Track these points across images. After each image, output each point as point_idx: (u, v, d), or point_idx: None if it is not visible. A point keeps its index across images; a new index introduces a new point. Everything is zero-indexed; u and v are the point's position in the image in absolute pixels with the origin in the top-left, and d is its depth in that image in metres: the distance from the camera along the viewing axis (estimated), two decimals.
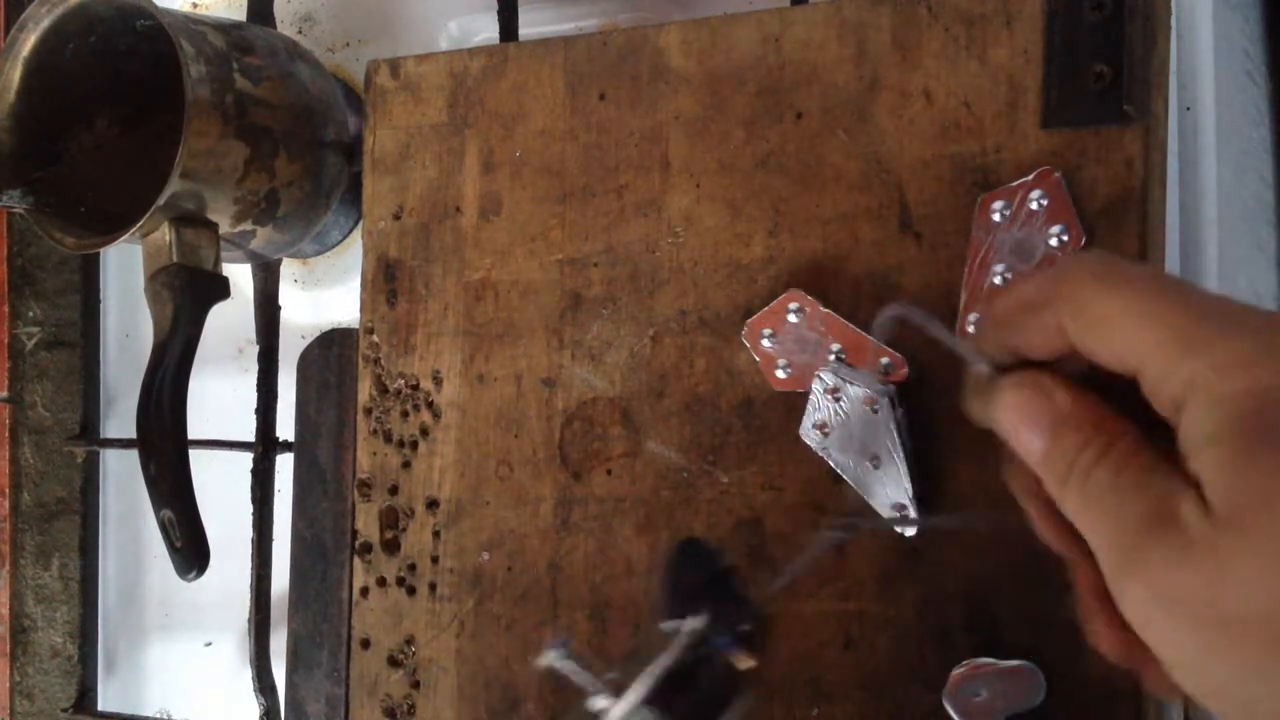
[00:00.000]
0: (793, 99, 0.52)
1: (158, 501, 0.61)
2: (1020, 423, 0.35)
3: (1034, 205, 0.47)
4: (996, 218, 0.48)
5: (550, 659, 0.43)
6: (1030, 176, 0.47)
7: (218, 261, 0.63)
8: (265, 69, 0.64)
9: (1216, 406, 0.30)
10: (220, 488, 0.69)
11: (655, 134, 0.55)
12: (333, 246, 0.75)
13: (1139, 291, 0.33)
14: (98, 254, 0.81)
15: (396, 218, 0.60)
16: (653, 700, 0.41)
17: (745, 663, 0.41)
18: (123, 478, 0.81)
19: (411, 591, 0.58)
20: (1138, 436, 0.33)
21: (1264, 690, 0.30)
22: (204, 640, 0.79)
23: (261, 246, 0.68)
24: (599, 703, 0.42)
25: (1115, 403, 0.34)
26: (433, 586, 0.58)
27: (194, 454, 0.62)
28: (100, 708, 0.80)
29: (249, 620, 0.70)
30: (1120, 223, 0.46)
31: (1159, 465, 0.32)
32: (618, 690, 0.41)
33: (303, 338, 0.72)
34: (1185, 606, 0.30)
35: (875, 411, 0.48)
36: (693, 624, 0.41)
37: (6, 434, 0.80)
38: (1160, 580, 0.31)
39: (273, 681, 0.70)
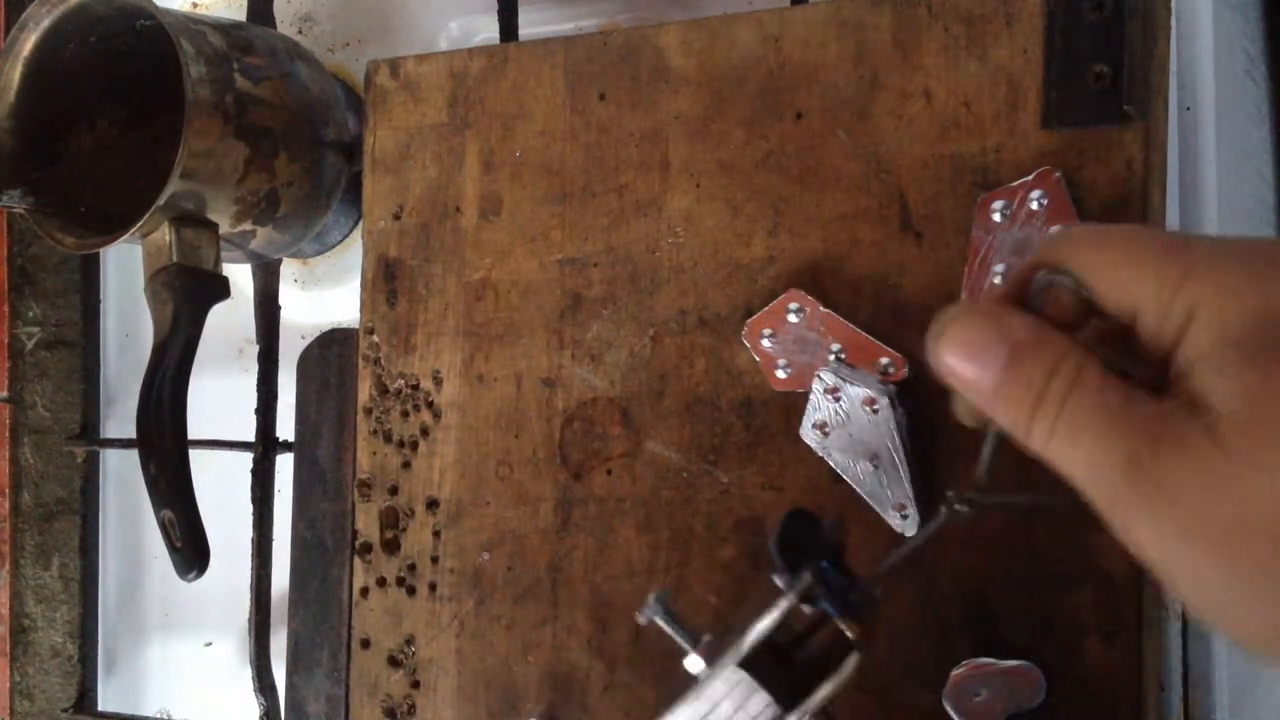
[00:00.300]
0: (793, 99, 0.52)
1: (158, 501, 0.61)
2: (968, 355, 0.34)
3: (1034, 205, 0.47)
4: (996, 217, 0.48)
5: (649, 615, 0.42)
6: (1030, 176, 0.47)
7: (218, 261, 0.63)
8: (265, 69, 0.64)
9: (1218, 326, 0.31)
10: (220, 488, 0.69)
11: (655, 134, 0.55)
12: (333, 246, 0.75)
13: (1137, 238, 0.34)
14: (98, 254, 0.81)
15: (396, 218, 0.60)
16: (750, 664, 0.39)
17: (852, 631, 0.40)
18: (123, 478, 0.81)
19: (411, 591, 0.58)
20: (1099, 360, 0.33)
21: (1263, 594, 0.29)
22: (204, 640, 0.79)
23: (261, 246, 0.68)
24: (694, 664, 0.41)
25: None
26: (433, 586, 0.58)
27: (194, 454, 0.62)
28: (100, 708, 0.80)
29: (249, 620, 0.70)
30: (1120, 223, 0.46)
31: (1135, 391, 0.32)
32: (714, 653, 0.40)
33: (303, 338, 0.72)
34: (1202, 520, 0.30)
35: (875, 411, 0.48)
36: (805, 579, 0.39)
37: (6, 434, 0.80)
38: (1174, 496, 0.30)
39: (273, 681, 0.70)
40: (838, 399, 0.49)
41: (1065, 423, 0.32)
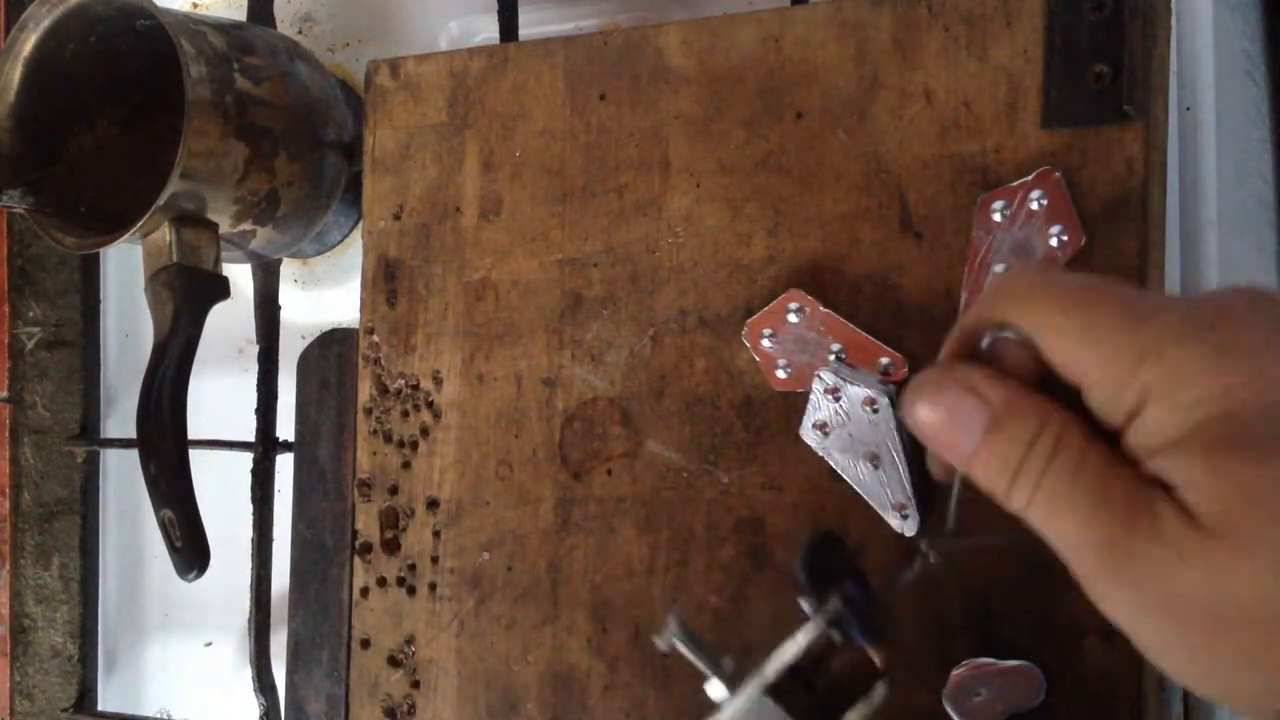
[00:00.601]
0: (793, 99, 0.52)
1: (158, 501, 0.61)
2: (946, 423, 0.34)
3: (1034, 205, 0.47)
4: (997, 218, 0.48)
5: (669, 639, 0.41)
6: (1030, 176, 0.47)
7: (218, 261, 0.63)
8: (265, 69, 0.64)
9: (1180, 413, 0.31)
10: (220, 488, 0.69)
11: (655, 134, 0.55)
12: (333, 246, 0.75)
13: (1083, 305, 0.33)
14: (98, 254, 0.81)
15: (396, 218, 0.60)
16: (776, 690, 0.39)
17: (879, 657, 0.39)
18: (123, 478, 0.81)
19: (411, 591, 0.58)
20: (1081, 428, 0.33)
21: (1264, 679, 0.30)
22: (204, 640, 0.79)
23: (261, 246, 0.68)
24: (717, 691, 0.40)
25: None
26: (433, 586, 0.58)
27: (194, 454, 0.62)
28: (100, 708, 0.80)
29: (249, 620, 0.70)
30: (1120, 223, 0.46)
31: (1113, 462, 0.32)
32: (736, 679, 0.40)
33: (303, 338, 0.72)
34: (1180, 608, 0.31)
35: (875, 411, 0.48)
36: (834, 605, 0.38)
37: (6, 434, 0.80)
38: (1151, 584, 0.31)
39: (273, 681, 0.70)
40: (838, 399, 0.49)
41: (1044, 493, 0.33)
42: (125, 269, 0.82)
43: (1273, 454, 0.30)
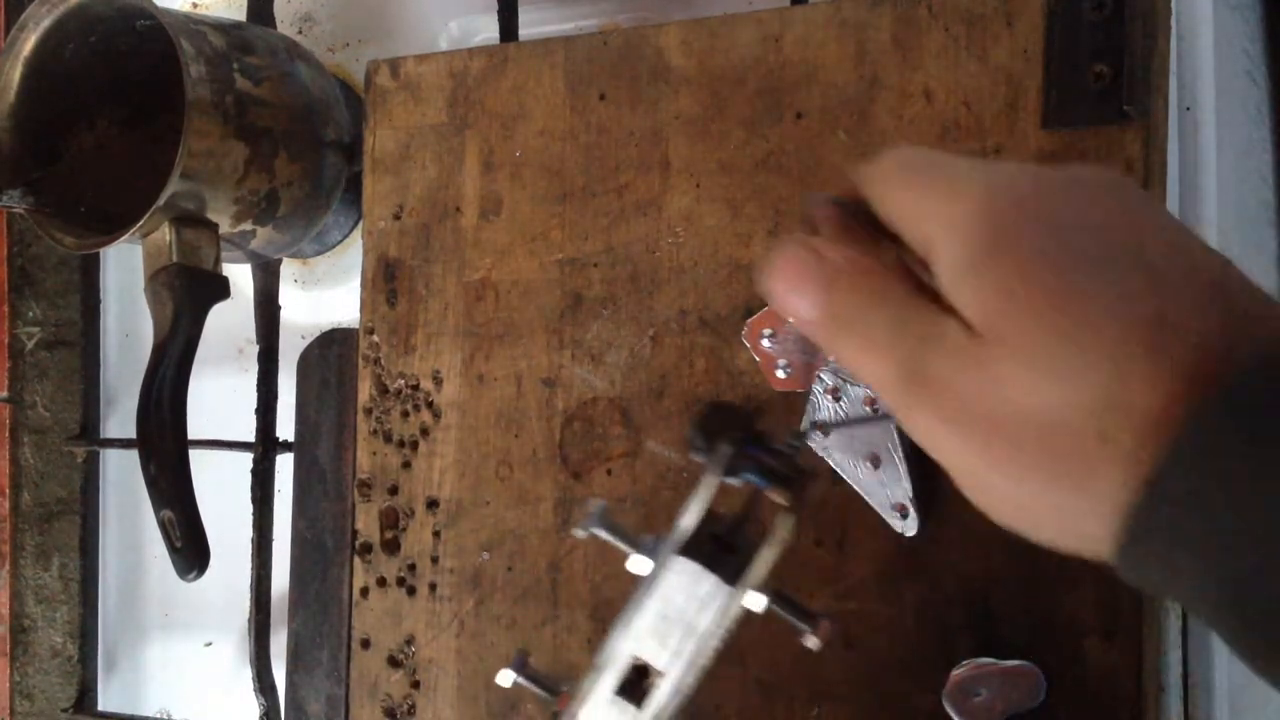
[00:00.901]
0: (793, 99, 0.52)
1: (158, 501, 0.61)
2: (793, 284, 0.36)
3: None
4: None
5: (588, 526, 0.43)
6: None
7: (218, 261, 0.63)
8: (265, 69, 0.64)
9: (955, 238, 0.32)
10: (220, 488, 0.69)
11: (655, 134, 0.55)
12: (333, 246, 0.75)
13: (904, 166, 0.36)
14: (98, 254, 0.81)
15: (396, 218, 0.60)
16: (689, 550, 0.40)
17: (779, 498, 0.40)
18: (123, 478, 0.81)
19: (411, 591, 0.58)
20: (910, 284, 0.35)
21: (1029, 484, 0.31)
22: (204, 640, 0.79)
23: (261, 246, 0.68)
24: (640, 565, 0.41)
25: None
26: (433, 586, 0.58)
27: (194, 454, 0.62)
28: (100, 708, 0.80)
29: (249, 620, 0.70)
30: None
31: (929, 304, 0.34)
32: (656, 552, 0.41)
33: (303, 338, 0.72)
34: (969, 418, 0.32)
35: (875, 411, 0.48)
36: (724, 452, 0.40)
37: (6, 434, 0.80)
38: (942, 397, 0.32)
39: (273, 681, 0.70)
40: (838, 399, 0.49)
41: (865, 338, 0.35)
42: (125, 269, 0.82)
43: (1025, 253, 0.31)
